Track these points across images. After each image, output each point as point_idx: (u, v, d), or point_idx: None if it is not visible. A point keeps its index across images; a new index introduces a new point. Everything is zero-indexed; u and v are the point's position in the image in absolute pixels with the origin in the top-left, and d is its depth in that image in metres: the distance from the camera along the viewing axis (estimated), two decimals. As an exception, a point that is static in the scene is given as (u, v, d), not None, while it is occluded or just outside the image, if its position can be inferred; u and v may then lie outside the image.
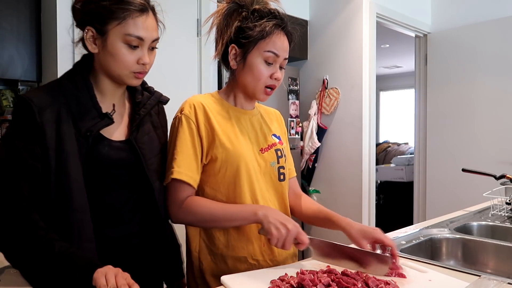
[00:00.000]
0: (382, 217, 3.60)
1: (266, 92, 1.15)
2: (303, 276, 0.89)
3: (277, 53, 1.11)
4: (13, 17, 2.17)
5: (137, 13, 0.96)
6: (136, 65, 0.98)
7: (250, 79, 1.13)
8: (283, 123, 1.34)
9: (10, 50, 2.17)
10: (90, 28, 0.97)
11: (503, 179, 1.81)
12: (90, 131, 0.95)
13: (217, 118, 1.13)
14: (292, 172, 1.32)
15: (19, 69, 2.20)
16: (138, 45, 0.97)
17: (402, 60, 6.86)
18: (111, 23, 0.95)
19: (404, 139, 7.04)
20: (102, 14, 0.95)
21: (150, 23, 0.99)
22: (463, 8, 3.61)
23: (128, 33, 0.95)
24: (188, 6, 2.49)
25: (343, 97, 3.27)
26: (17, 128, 0.93)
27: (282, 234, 0.97)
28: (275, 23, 1.11)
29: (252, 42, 1.11)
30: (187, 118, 1.11)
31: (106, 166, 0.99)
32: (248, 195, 1.12)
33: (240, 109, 1.19)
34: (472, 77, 3.50)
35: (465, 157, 3.44)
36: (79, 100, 0.97)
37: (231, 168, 1.11)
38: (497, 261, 1.34)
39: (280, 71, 1.15)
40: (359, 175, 3.16)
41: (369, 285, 0.88)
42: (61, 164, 0.92)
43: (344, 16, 3.24)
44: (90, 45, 0.98)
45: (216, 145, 1.11)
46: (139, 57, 0.98)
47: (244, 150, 1.13)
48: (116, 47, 0.95)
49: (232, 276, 0.97)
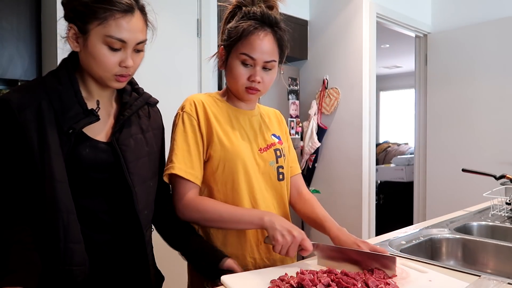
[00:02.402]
0: (382, 217, 3.60)
1: (248, 92, 1.11)
2: (303, 276, 0.89)
3: (252, 55, 1.07)
4: (13, 17, 2.17)
5: (119, 13, 0.90)
6: (118, 67, 0.93)
7: (231, 81, 1.13)
8: (284, 122, 1.34)
9: (10, 50, 2.17)
10: (72, 26, 0.93)
11: (503, 179, 1.81)
12: (72, 129, 0.91)
13: (217, 117, 1.13)
14: (296, 169, 1.31)
15: (19, 69, 2.20)
16: (120, 47, 0.92)
17: (402, 60, 6.86)
18: (92, 23, 0.90)
19: (404, 139, 7.05)
20: (84, 13, 0.90)
21: (134, 24, 0.92)
22: (463, 8, 3.61)
23: (109, 34, 0.90)
24: (188, 6, 2.49)
25: (343, 97, 3.27)
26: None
27: (288, 241, 0.97)
28: (250, 24, 1.07)
29: (230, 44, 1.10)
30: (189, 115, 1.11)
31: (86, 168, 0.95)
32: (246, 194, 1.12)
33: (239, 109, 1.19)
34: (472, 77, 3.50)
35: (465, 157, 3.44)
36: (62, 95, 0.92)
37: (228, 166, 1.11)
38: (497, 261, 1.34)
39: (266, 73, 1.11)
40: (359, 175, 3.16)
41: (369, 285, 0.88)
42: (45, 165, 0.88)
43: (344, 16, 3.24)
44: (72, 43, 0.94)
45: (214, 143, 1.11)
46: (121, 59, 0.93)
47: (242, 149, 1.12)
48: (96, 47, 0.91)
49: (232, 275, 0.97)
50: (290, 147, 1.32)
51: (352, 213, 3.17)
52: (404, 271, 1.01)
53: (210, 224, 1.12)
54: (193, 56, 2.55)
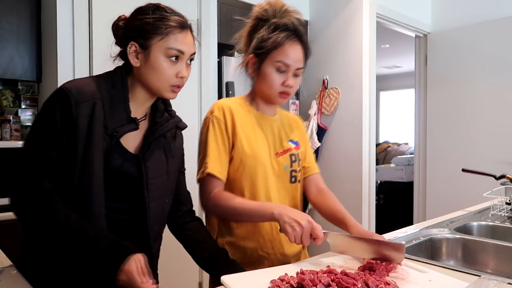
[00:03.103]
0: (382, 217, 3.60)
1: (281, 96, 1.23)
2: (303, 276, 0.89)
3: (288, 63, 1.19)
4: (13, 17, 2.17)
5: (178, 29, 1.02)
6: (175, 78, 1.03)
7: (265, 86, 1.23)
8: (302, 127, 1.44)
9: (10, 50, 2.17)
10: (133, 43, 1.02)
11: (503, 179, 1.81)
12: (116, 132, 0.99)
13: (241, 121, 1.24)
14: (314, 169, 1.40)
15: (19, 69, 2.21)
16: (178, 58, 1.02)
17: (402, 60, 6.87)
18: (155, 38, 1.00)
19: (404, 139, 7.04)
20: (146, 30, 1.00)
21: (189, 39, 1.05)
22: (463, 8, 3.61)
23: (170, 46, 1.00)
24: (188, 6, 2.49)
25: (343, 97, 3.27)
26: (49, 118, 0.95)
27: (297, 232, 1.03)
28: (286, 35, 1.20)
29: (265, 52, 1.21)
30: (217, 119, 1.22)
31: (111, 172, 1.00)
32: (263, 195, 1.22)
33: (262, 114, 1.30)
34: (472, 77, 3.50)
35: (465, 157, 3.44)
36: (113, 99, 1.00)
37: (248, 169, 1.21)
38: (497, 261, 1.34)
39: (295, 79, 1.23)
40: (359, 175, 3.16)
41: (369, 285, 0.88)
42: (87, 159, 0.94)
43: (344, 16, 3.24)
44: (132, 59, 1.02)
45: (237, 146, 1.21)
46: (178, 70, 1.03)
47: (262, 154, 1.23)
48: (158, 60, 1.01)
49: (232, 276, 0.97)
50: (308, 148, 1.41)
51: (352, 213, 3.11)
52: (404, 271, 1.01)
53: (229, 218, 1.23)
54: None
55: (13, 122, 2.33)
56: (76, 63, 2.05)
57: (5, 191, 2.05)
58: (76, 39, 2.06)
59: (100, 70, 1.07)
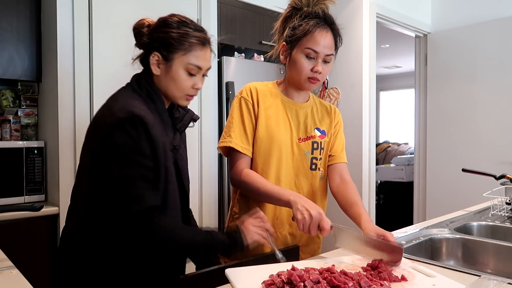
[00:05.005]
0: (382, 217, 3.60)
1: (310, 82, 1.28)
2: (292, 272, 0.90)
3: (316, 49, 1.24)
4: (13, 17, 2.17)
5: (200, 46, 1.10)
6: (191, 89, 1.13)
7: (294, 72, 1.29)
8: (337, 117, 1.44)
9: (10, 50, 2.17)
10: (157, 54, 1.09)
11: (503, 179, 1.81)
12: (174, 145, 1.12)
13: (266, 104, 1.31)
14: (341, 158, 1.43)
15: (19, 69, 2.20)
16: (196, 73, 1.11)
17: (402, 60, 6.86)
18: (178, 52, 1.08)
19: (404, 139, 7.04)
20: (171, 44, 1.08)
21: (208, 55, 1.13)
22: (463, 8, 3.61)
23: (191, 62, 1.09)
24: (188, 6, 2.49)
25: (343, 97, 3.27)
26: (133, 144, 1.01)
27: (306, 220, 1.08)
28: (315, 22, 1.25)
29: (295, 40, 1.26)
30: (245, 100, 1.31)
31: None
32: (273, 175, 1.29)
33: (290, 100, 1.35)
34: (472, 77, 3.50)
35: (465, 157, 3.44)
36: (163, 117, 1.11)
37: (264, 146, 1.29)
38: (497, 261, 1.34)
39: (325, 65, 1.28)
40: (359, 175, 3.16)
41: (361, 285, 0.88)
42: (168, 173, 1.07)
43: (344, 16, 3.24)
44: (154, 68, 1.10)
45: (258, 125, 1.29)
46: (195, 83, 1.12)
47: (280, 137, 1.29)
48: (178, 73, 1.09)
49: (236, 269, 0.98)
50: (338, 139, 1.43)
51: (352, 213, 3.16)
52: (410, 273, 1.00)
53: (250, 195, 1.30)
54: (193, 56, 2.55)
55: (13, 122, 2.32)
56: (76, 63, 2.05)
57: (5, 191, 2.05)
58: (76, 39, 2.05)
59: (100, 70, 1.08)
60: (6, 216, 1.88)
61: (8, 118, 2.31)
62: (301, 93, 1.36)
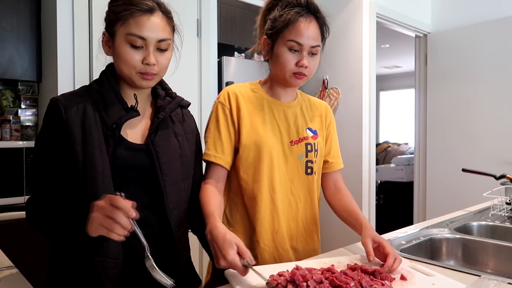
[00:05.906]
0: (382, 217, 3.60)
1: (296, 77, 1.16)
2: (295, 271, 0.89)
3: (300, 41, 1.12)
4: (13, 17, 2.17)
5: (139, 12, 0.96)
6: (141, 65, 0.98)
7: (278, 68, 1.16)
8: (328, 115, 1.33)
9: (10, 50, 2.17)
10: (105, 33, 1.02)
11: (503, 179, 1.81)
12: (116, 123, 0.98)
13: (249, 107, 1.19)
14: (337, 165, 1.33)
15: (19, 69, 2.20)
16: (142, 45, 0.97)
17: (402, 60, 6.87)
18: (117, 24, 0.97)
19: (404, 139, 7.04)
20: (111, 18, 0.99)
21: (154, 23, 0.98)
22: (463, 8, 3.61)
23: (129, 32, 0.96)
24: (188, 6, 2.49)
25: (343, 97, 3.27)
26: (47, 127, 0.98)
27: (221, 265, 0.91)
28: (297, 11, 1.12)
29: (276, 32, 1.14)
30: (222, 105, 1.19)
31: (122, 167, 0.99)
32: (266, 184, 1.17)
33: (276, 100, 1.23)
34: (472, 77, 3.50)
35: (465, 157, 3.44)
36: (104, 97, 1.00)
37: (253, 155, 1.17)
38: (497, 261, 1.34)
39: (312, 58, 1.15)
40: (359, 175, 3.16)
41: (362, 284, 0.88)
42: (87, 157, 0.94)
43: (344, 16, 3.24)
44: (105, 48, 1.02)
45: (242, 132, 1.17)
46: (144, 56, 0.97)
47: (269, 140, 1.17)
48: (120, 46, 0.97)
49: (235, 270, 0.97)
50: (333, 141, 1.33)
51: (352, 213, 3.16)
52: (410, 273, 1.01)
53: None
54: (193, 56, 2.55)
55: (13, 122, 2.33)
56: (76, 63, 2.05)
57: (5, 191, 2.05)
58: (76, 39, 2.06)
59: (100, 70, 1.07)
60: (6, 216, 1.88)
61: (8, 118, 2.31)
62: (288, 90, 1.24)
